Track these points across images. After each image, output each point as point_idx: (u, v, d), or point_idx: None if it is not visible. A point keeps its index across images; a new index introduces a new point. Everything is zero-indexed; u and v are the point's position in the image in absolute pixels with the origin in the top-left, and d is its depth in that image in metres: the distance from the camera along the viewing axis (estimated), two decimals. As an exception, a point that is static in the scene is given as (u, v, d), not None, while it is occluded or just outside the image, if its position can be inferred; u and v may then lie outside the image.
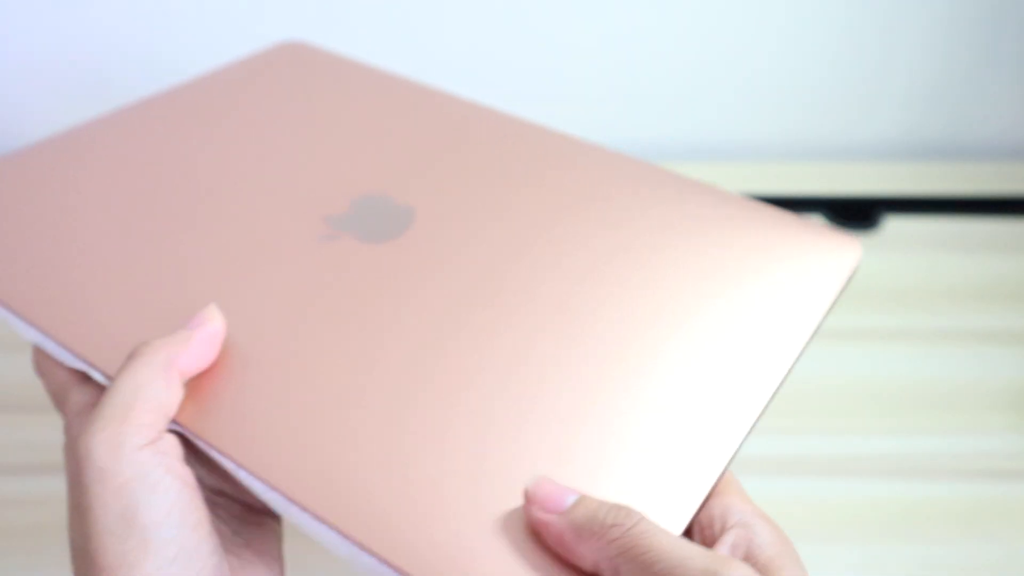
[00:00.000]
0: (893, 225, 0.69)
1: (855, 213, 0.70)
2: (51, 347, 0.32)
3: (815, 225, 0.38)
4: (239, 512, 0.29)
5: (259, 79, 0.48)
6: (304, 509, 0.26)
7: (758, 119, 0.78)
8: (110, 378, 0.29)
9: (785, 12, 0.71)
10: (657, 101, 0.77)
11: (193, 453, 0.28)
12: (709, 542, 0.26)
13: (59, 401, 0.31)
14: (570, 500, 0.25)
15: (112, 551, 0.22)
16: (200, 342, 0.28)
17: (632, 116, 0.78)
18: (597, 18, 0.72)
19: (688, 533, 0.27)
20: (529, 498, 0.25)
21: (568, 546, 0.24)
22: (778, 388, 0.31)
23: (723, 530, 0.26)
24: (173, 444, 0.26)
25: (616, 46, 0.74)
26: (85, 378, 0.31)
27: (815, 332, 0.33)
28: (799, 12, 0.71)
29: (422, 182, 0.40)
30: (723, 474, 0.28)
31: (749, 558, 0.25)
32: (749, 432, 0.30)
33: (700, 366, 0.31)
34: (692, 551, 0.23)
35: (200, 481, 0.27)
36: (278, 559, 0.29)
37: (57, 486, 0.45)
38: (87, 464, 0.23)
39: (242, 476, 0.27)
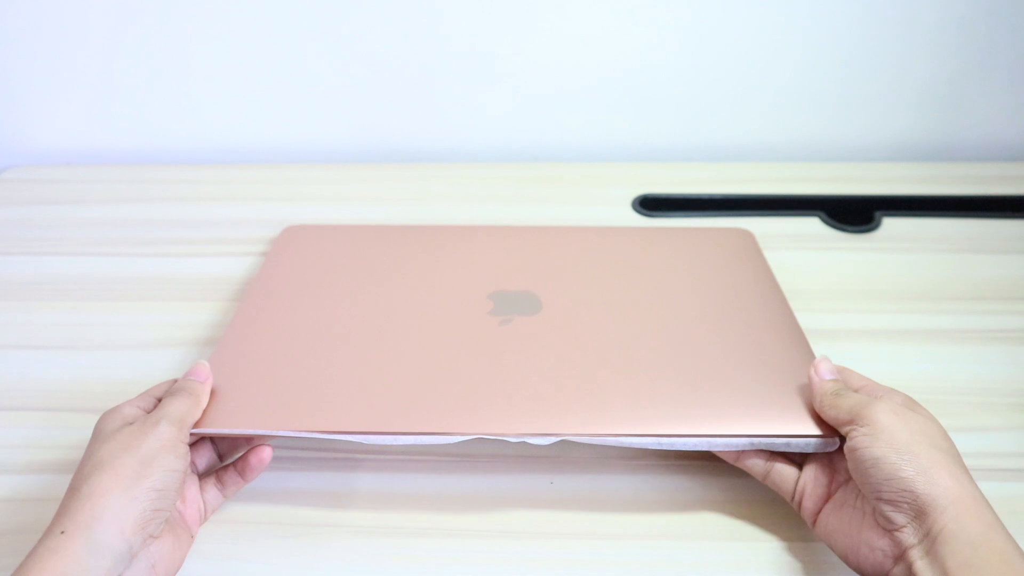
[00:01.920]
0: (891, 226, 0.69)
1: (854, 214, 0.70)
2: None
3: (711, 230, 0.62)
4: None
5: (312, 257, 0.59)
6: (690, 435, 0.44)
7: (758, 122, 0.78)
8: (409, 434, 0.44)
9: (783, 20, 0.72)
10: (661, 105, 0.77)
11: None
12: None
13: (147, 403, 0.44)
14: (829, 376, 0.44)
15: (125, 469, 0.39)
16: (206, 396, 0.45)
17: (636, 120, 0.78)
18: (601, 23, 0.72)
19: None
20: (815, 366, 0.45)
21: (821, 402, 0.43)
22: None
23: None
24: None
25: (619, 52, 0.74)
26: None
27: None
28: (797, 20, 0.72)
29: (519, 273, 0.56)
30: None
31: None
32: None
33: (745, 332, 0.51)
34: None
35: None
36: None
37: (49, 485, 0.45)
38: (157, 432, 0.40)
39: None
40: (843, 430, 0.41)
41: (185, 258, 0.65)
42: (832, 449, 0.43)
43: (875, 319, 0.60)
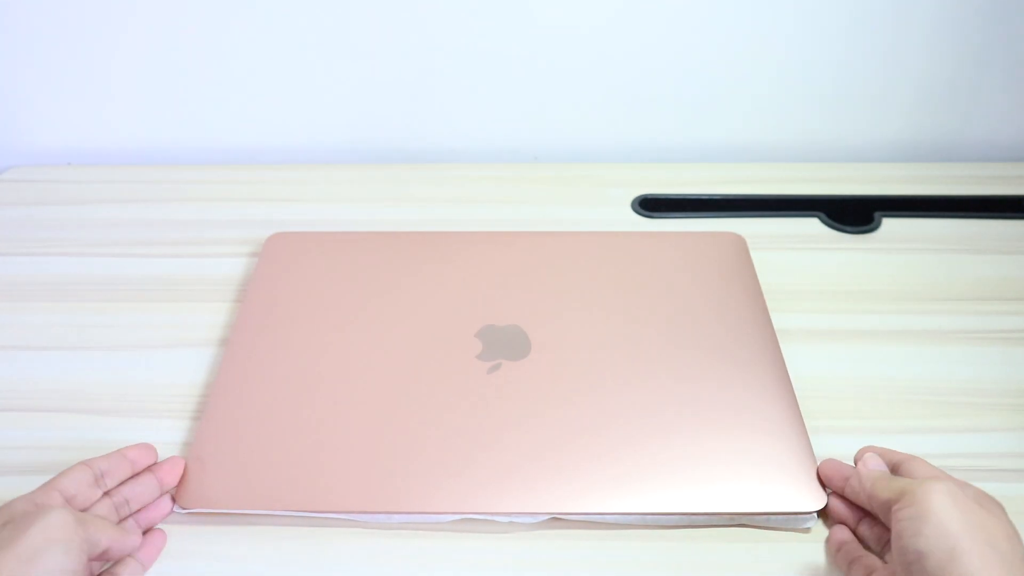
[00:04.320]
0: (891, 226, 0.69)
1: (853, 215, 0.70)
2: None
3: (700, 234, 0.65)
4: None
5: (295, 281, 0.59)
6: (658, 514, 0.45)
7: (758, 123, 0.78)
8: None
9: (782, 20, 0.72)
10: (661, 105, 0.77)
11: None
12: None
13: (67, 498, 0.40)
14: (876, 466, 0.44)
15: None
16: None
17: (636, 120, 0.78)
18: (602, 23, 0.72)
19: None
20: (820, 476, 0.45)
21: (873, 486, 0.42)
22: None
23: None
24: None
25: (619, 53, 0.74)
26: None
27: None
28: (796, 20, 0.72)
29: (505, 299, 0.57)
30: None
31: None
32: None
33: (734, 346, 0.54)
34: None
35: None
36: None
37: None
38: (44, 523, 0.34)
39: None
40: (891, 511, 0.39)
41: (187, 259, 0.65)
42: (807, 526, 0.45)
43: (875, 320, 0.60)
